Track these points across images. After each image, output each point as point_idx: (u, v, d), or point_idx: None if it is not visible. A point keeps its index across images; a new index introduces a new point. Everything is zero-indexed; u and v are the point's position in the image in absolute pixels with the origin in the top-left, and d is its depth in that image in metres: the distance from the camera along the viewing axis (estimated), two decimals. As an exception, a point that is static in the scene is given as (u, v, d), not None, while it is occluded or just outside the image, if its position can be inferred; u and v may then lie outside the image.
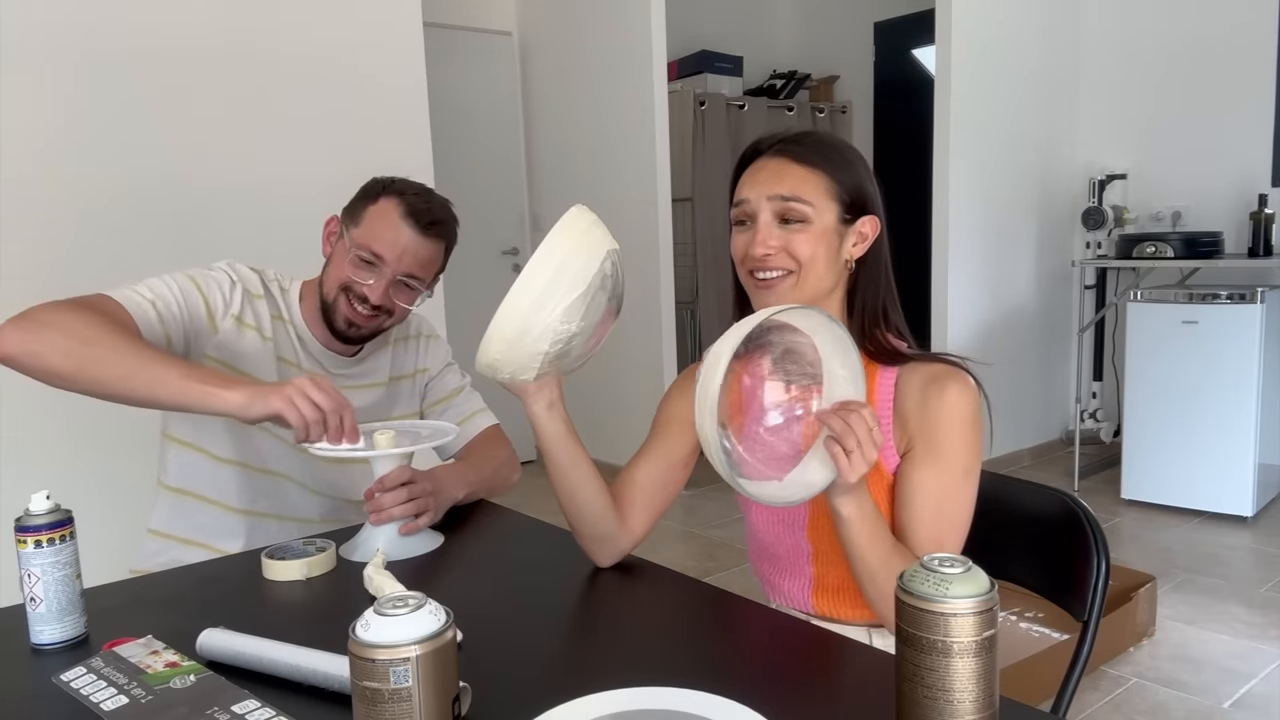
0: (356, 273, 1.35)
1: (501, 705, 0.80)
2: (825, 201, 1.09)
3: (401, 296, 1.38)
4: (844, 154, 1.12)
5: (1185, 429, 3.49)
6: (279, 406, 1.08)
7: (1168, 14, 4.05)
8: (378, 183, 1.40)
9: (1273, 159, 3.81)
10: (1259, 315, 3.30)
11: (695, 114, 4.59)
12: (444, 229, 1.39)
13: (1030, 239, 4.27)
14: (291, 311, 1.43)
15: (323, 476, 1.45)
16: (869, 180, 1.12)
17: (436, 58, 3.46)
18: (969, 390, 1.06)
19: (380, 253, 1.34)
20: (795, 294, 1.10)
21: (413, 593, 0.70)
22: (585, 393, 4.49)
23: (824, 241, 1.09)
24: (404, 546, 1.22)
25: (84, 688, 0.84)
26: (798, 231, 1.09)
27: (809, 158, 1.10)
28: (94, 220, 2.36)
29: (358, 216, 1.37)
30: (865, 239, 1.12)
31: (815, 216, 1.09)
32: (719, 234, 4.69)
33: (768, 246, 1.09)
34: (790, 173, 1.10)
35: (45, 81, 2.29)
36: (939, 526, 1.05)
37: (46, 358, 1.11)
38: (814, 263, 1.09)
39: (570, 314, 0.94)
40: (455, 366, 1.61)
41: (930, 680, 0.66)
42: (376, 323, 1.39)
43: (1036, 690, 1.92)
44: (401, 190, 1.37)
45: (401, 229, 1.34)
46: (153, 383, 1.10)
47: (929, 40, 3.95)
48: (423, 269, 1.38)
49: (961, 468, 1.05)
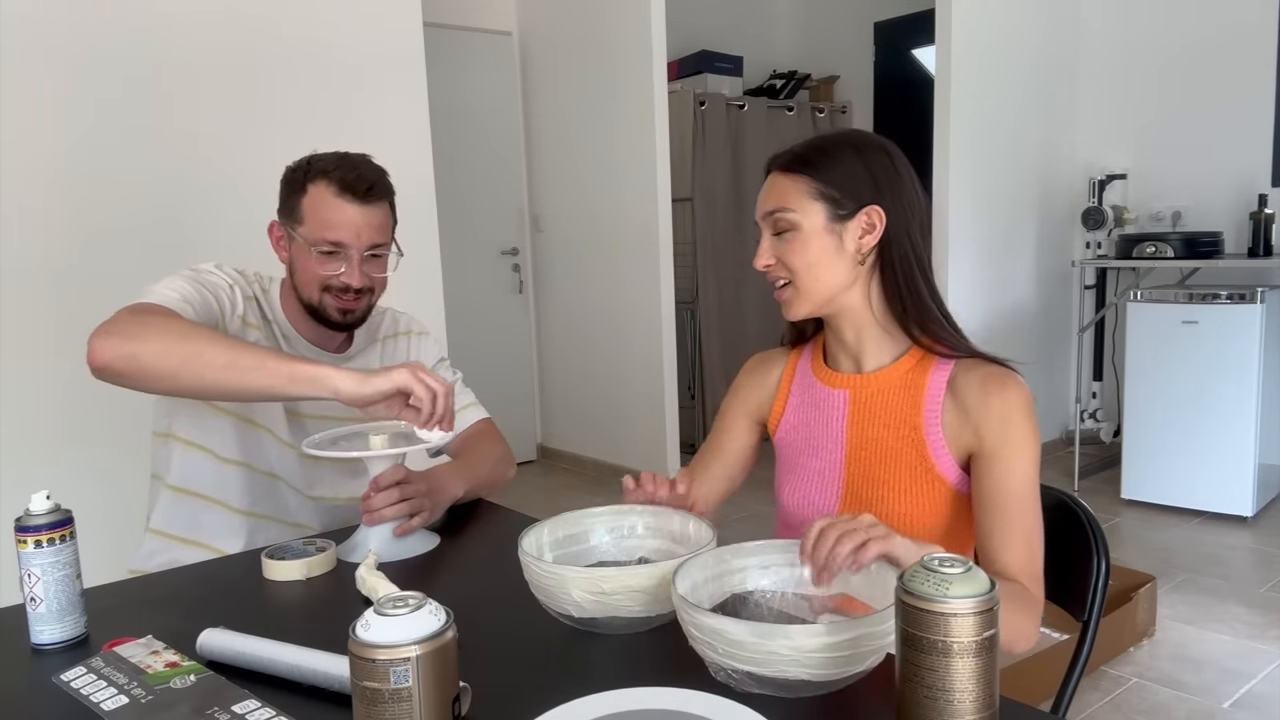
0: (326, 267, 1.34)
1: (501, 705, 0.80)
2: (808, 203, 1.11)
3: (374, 268, 1.38)
4: (831, 151, 1.12)
5: (1185, 429, 3.49)
6: (404, 381, 1.09)
7: (1168, 14, 4.05)
8: (297, 171, 1.37)
9: (1273, 159, 3.81)
10: (1259, 315, 3.30)
11: (695, 114, 4.59)
12: (382, 188, 1.38)
13: (1030, 239, 4.27)
14: (275, 312, 1.43)
15: (315, 487, 1.44)
16: (866, 170, 1.11)
17: (436, 58, 3.46)
18: (1026, 389, 1.09)
19: (338, 239, 1.33)
20: (801, 300, 1.13)
21: (412, 593, 0.70)
22: (585, 393, 4.49)
23: (815, 243, 1.10)
24: (399, 548, 1.22)
25: (84, 688, 0.84)
26: (789, 241, 1.12)
27: (792, 165, 1.13)
28: (94, 220, 2.36)
29: (296, 213, 1.35)
30: (874, 229, 1.11)
31: (800, 221, 1.11)
32: (719, 234, 4.69)
33: (765, 261, 1.14)
34: (776, 186, 1.13)
35: (45, 81, 2.29)
36: (1027, 524, 1.06)
37: (144, 358, 1.10)
38: (809, 268, 1.11)
39: None
40: (446, 362, 1.60)
41: (930, 680, 0.66)
42: (365, 302, 1.40)
43: (1036, 690, 1.92)
44: (325, 170, 1.35)
45: (345, 208, 1.33)
46: (257, 369, 1.09)
47: (929, 40, 3.94)
48: (381, 234, 1.37)
49: (1035, 464, 1.07)
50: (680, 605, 0.80)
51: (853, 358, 1.18)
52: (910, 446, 1.11)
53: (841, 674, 0.75)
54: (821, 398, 1.20)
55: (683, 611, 0.80)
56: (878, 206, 1.11)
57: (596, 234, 4.28)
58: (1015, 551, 1.04)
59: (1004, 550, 1.05)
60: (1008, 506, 1.05)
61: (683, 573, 0.86)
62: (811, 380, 1.23)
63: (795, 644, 0.73)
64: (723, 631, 0.75)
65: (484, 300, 4.47)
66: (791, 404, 1.24)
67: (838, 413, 1.18)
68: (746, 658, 0.75)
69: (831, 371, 1.20)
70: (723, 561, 0.92)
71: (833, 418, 1.18)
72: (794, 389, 1.25)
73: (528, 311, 4.71)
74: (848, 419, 1.17)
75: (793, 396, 1.25)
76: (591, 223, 4.30)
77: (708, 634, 0.77)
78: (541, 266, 4.65)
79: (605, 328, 4.29)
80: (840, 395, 1.18)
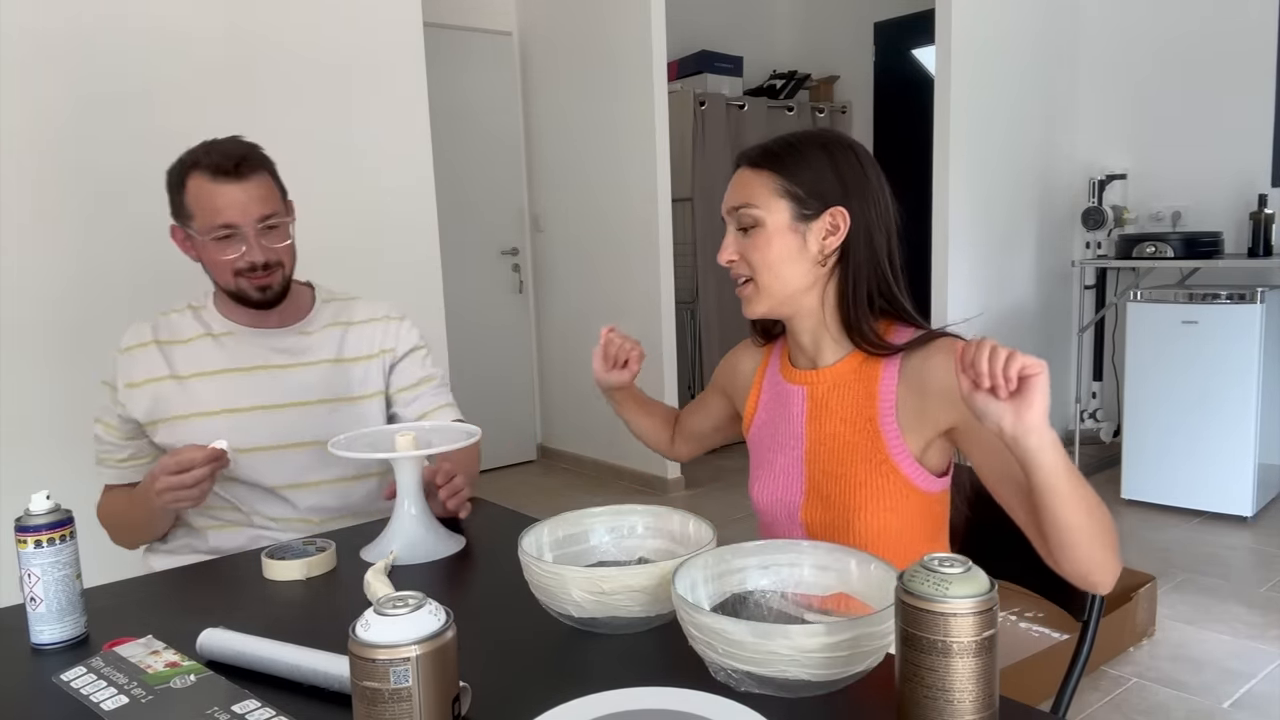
0: (226, 252, 1.38)
1: (501, 705, 0.80)
2: (774, 200, 1.10)
3: (273, 240, 1.41)
4: (801, 150, 1.11)
5: (1185, 429, 3.49)
6: (162, 503, 1.27)
7: (1168, 13, 4.05)
8: (171, 172, 1.42)
9: (1273, 159, 3.80)
10: (1259, 315, 3.30)
11: (695, 114, 4.59)
12: (253, 159, 1.40)
13: (1030, 239, 4.27)
14: (211, 317, 1.48)
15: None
16: (835, 171, 1.10)
17: (436, 58, 3.46)
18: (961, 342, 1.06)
19: (226, 222, 1.36)
20: (760, 298, 1.14)
21: (412, 593, 0.70)
22: (586, 393, 4.49)
23: (778, 242, 1.10)
24: (429, 549, 1.21)
25: (84, 688, 0.84)
26: (752, 238, 1.12)
27: (761, 161, 1.12)
28: (93, 220, 2.36)
29: (184, 210, 1.40)
30: (838, 230, 1.10)
31: (765, 218, 1.11)
32: (719, 234, 4.67)
33: (728, 256, 1.15)
34: (742, 180, 1.13)
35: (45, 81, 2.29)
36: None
37: (116, 539, 1.53)
38: (770, 266, 1.11)
39: None
40: (425, 355, 1.59)
41: (930, 680, 0.66)
42: (278, 274, 1.43)
43: (1036, 690, 1.92)
44: (195, 161, 1.38)
45: (222, 190, 1.36)
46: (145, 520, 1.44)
47: (929, 40, 3.94)
48: (267, 205, 1.39)
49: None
50: (680, 605, 0.80)
51: (809, 356, 1.19)
52: (866, 439, 1.11)
53: (841, 674, 0.75)
54: (785, 394, 1.21)
55: (682, 611, 0.80)
56: (843, 208, 1.10)
57: (597, 234, 4.28)
58: None
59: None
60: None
61: (682, 573, 0.86)
62: (778, 378, 1.24)
63: (795, 644, 0.73)
64: (722, 631, 0.75)
65: (484, 300, 4.47)
66: (762, 401, 1.26)
67: (798, 409, 1.18)
68: (746, 658, 0.75)
69: (792, 368, 1.21)
70: (723, 561, 0.92)
71: (794, 414, 1.19)
72: (764, 386, 1.27)
73: (528, 311, 4.71)
74: (806, 415, 1.17)
75: (763, 394, 1.26)
76: (592, 222, 4.30)
77: (707, 634, 0.77)
78: (541, 266, 4.65)
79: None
80: (799, 391, 1.19)
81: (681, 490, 4.12)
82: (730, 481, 4.20)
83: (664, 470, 4.12)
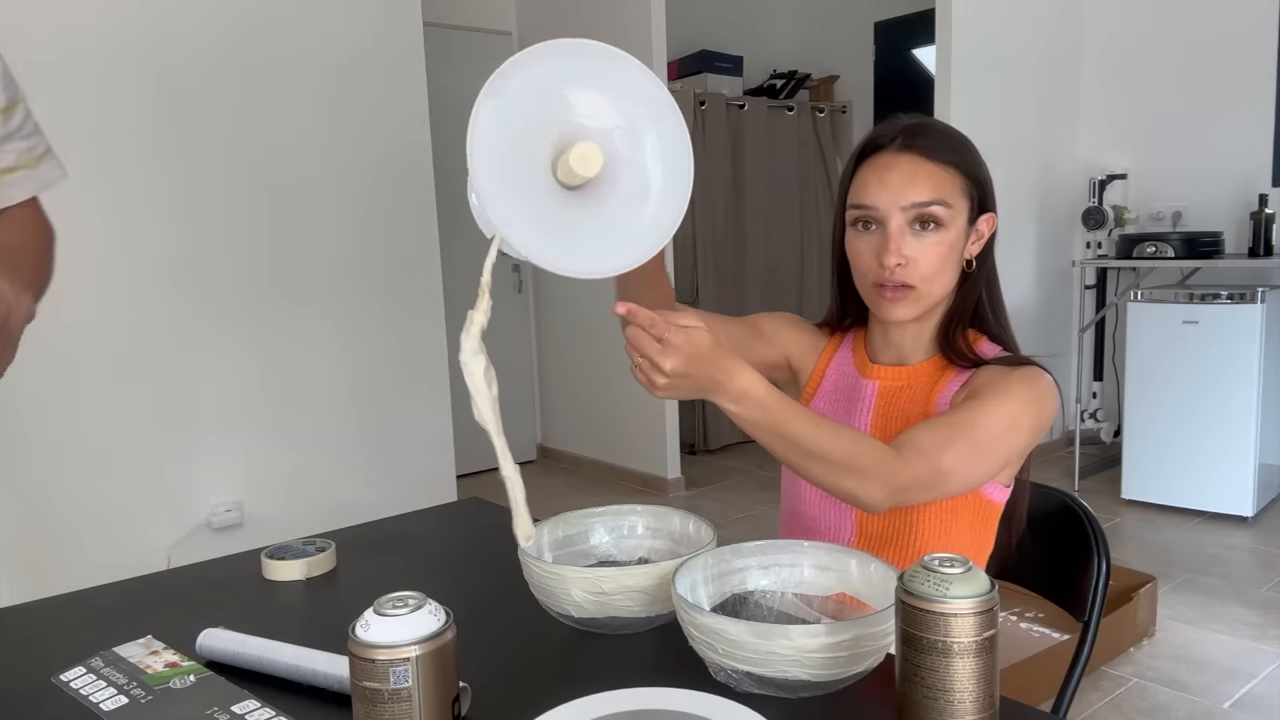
0: None
1: (501, 705, 0.80)
2: (959, 199, 1.02)
3: None
4: (969, 143, 1.05)
5: (1186, 429, 3.49)
6: None
7: (1168, 14, 4.05)
8: None
9: (1273, 159, 3.81)
10: (1259, 315, 3.30)
11: (695, 114, 4.59)
12: None
13: (1030, 239, 4.27)
14: None
15: None
16: (987, 169, 1.06)
17: (436, 58, 3.47)
18: (1038, 371, 1.02)
19: None
20: (916, 303, 1.05)
21: (412, 593, 0.70)
22: (585, 393, 4.49)
23: (956, 248, 1.04)
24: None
25: (84, 688, 0.84)
26: (929, 237, 1.02)
27: (941, 153, 1.02)
28: (93, 219, 2.36)
29: None
30: (982, 237, 1.07)
31: (951, 219, 1.02)
32: (719, 234, 4.69)
33: (901, 256, 1.01)
34: (924, 173, 1.01)
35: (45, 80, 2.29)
36: (954, 427, 0.95)
37: None
38: (941, 273, 1.03)
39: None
40: (21, 106, 1.18)
41: (930, 680, 0.66)
42: None
43: (1036, 690, 1.92)
44: None
45: None
46: None
47: (929, 40, 3.95)
48: None
49: (1012, 416, 0.97)
50: (680, 605, 0.80)
51: (897, 353, 1.13)
52: None
53: (841, 674, 0.75)
54: (855, 386, 1.15)
55: (682, 611, 0.80)
56: (992, 214, 1.07)
57: (596, 234, 4.27)
58: (932, 430, 0.94)
59: (921, 428, 0.95)
60: (956, 413, 0.97)
61: (683, 573, 0.86)
62: (850, 368, 1.17)
63: (795, 644, 0.73)
64: (722, 631, 0.75)
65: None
66: (824, 387, 1.19)
67: (865, 403, 1.13)
68: (746, 658, 0.75)
69: (869, 362, 1.15)
70: (723, 561, 0.92)
71: (861, 408, 1.13)
72: (829, 372, 1.19)
73: (528, 311, 4.71)
74: (874, 410, 1.12)
75: (826, 380, 1.19)
76: (591, 223, 4.30)
77: (707, 634, 0.77)
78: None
79: (605, 328, 4.29)
80: (871, 386, 1.13)
81: (681, 490, 4.12)
82: (730, 481, 4.20)
83: (664, 470, 4.11)
